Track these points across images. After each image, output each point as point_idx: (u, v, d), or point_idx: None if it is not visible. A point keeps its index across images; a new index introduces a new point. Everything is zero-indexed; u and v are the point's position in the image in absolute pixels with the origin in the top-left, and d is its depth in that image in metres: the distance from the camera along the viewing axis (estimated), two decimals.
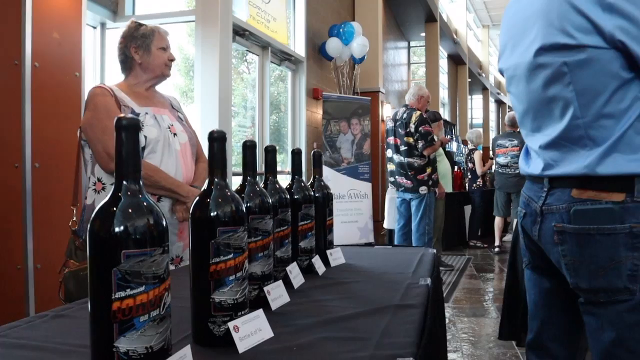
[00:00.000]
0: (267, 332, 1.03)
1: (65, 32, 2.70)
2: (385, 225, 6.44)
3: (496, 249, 7.09)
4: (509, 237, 7.68)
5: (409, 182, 5.14)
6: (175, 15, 5.07)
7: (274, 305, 1.24)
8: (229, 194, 0.99)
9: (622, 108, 1.16)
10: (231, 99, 4.88)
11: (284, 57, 6.35)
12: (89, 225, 0.73)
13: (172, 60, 2.19)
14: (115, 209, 0.72)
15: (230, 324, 0.96)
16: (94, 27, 4.48)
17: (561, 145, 1.26)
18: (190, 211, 0.99)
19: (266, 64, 5.93)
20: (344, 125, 7.27)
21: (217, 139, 1.01)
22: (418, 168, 5.09)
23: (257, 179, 1.30)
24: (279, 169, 2.45)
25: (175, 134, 2.15)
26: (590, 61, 1.17)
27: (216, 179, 1.00)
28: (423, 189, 5.08)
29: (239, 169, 1.31)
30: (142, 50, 2.10)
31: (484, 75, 19.14)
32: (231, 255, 0.97)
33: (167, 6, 5.48)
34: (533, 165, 1.37)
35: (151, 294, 0.73)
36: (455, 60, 15.99)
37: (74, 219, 2.05)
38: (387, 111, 8.66)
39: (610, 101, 1.17)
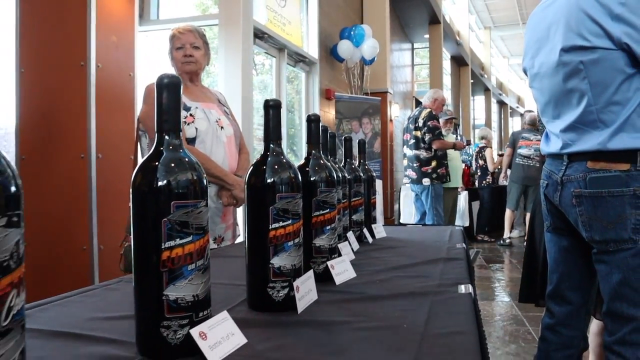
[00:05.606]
0: (314, 294, 1.08)
1: (121, 35, 3.00)
2: (401, 219, 6.74)
3: (507, 241, 7.32)
4: (515, 233, 7.94)
5: (413, 173, 5.46)
6: (199, 19, 5.34)
7: (347, 259, 1.53)
8: (284, 160, 1.05)
9: (627, 97, 1.47)
10: (252, 97, 5.16)
11: (298, 58, 6.64)
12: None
13: (186, 55, 2.34)
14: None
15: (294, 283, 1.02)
16: None
17: (577, 128, 1.55)
18: (246, 180, 1.05)
19: (282, 65, 6.23)
20: (355, 125, 7.57)
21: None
22: (423, 160, 5.38)
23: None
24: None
25: (222, 127, 2.41)
26: (601, 60, 1.47)
27: (271, 144, 1.06)
28: (426, 181, 5.35)
29: None
30: (170, 53, 2.40)
31: (485, 76, 19.43)
32: (289, 222, 1.01)
33: (189, 10, 5.76)
34: (553, 146, 1.67)
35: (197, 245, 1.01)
36: (458, 61, 16.29)
37: None
38: (395, 111, 8.95)
39: (618, 91, 1.47)
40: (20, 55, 2.85)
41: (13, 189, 0.53)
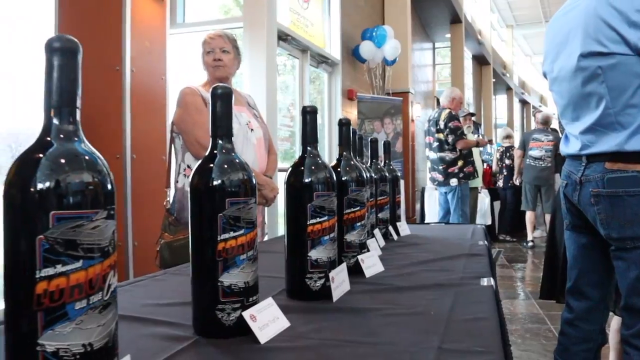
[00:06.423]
0: (347, 285, 1.20)
1: (153, 40, 3.12)
2: (427, 220, 6.82)
3: (529, 244, 7.29)
4: (537, 233, 7.92)
5: (440, 176, 5.51)
6: (224, 22, 5.44)
7: (375, 254, 1.61)
8: (320, 161, 1.14)
9: None
10: (276, 99, 5.26)
11: (321, 60, 6.73)
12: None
13: (216, 60, 2.42)
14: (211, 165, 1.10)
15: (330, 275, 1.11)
16: None
17: (596, 130, 1.62)
18: (285, 180, 1.14)
19: (305, 66, 6.32)
20: (377, 125, 7.64)
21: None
22: (449, 162, 5.44)
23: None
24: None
25: (252, 130, 2.50)
26: (618, 65, 1.53)
27: (308, 147, 1.16)
28: (453, 181, 5.41)
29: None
30: (202, 58, 2.49)
31: (508, 75, 19.28)
32: (325, 218, 1.10)
33: (214, 13, 5.89)
34: (572, 147, 1.73)
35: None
36: (480, 60, 16.21)
37: (168, 199, 2.41)
38: (416, 111, 8.98)
39: (635, 95, 1.53)
40: None
41: (109, 186, 0.62)
